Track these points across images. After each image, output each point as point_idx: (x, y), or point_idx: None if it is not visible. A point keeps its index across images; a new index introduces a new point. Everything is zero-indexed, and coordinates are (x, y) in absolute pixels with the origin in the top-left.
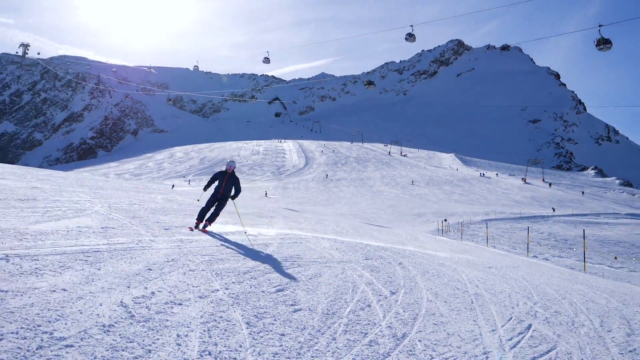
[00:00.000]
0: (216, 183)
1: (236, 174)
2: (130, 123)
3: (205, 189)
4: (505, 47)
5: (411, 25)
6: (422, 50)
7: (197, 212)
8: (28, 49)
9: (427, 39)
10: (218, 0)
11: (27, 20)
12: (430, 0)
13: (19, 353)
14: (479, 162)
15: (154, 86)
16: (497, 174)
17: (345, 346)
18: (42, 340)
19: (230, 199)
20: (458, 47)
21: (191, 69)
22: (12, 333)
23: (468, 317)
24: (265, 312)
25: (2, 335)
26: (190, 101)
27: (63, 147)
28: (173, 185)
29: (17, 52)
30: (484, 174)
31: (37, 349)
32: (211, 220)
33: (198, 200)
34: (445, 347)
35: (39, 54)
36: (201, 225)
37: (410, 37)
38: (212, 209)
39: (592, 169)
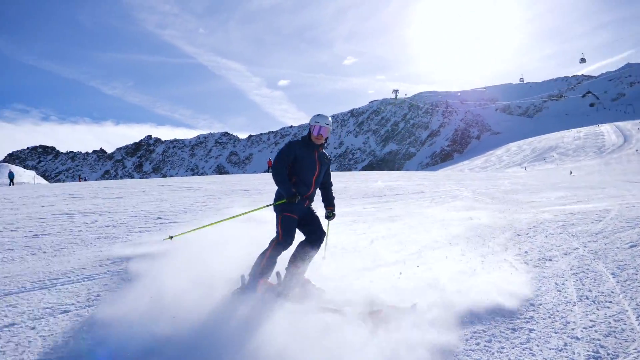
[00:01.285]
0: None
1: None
2: (473, 131)
3: (282, 184)
4: None
5: None
6: None
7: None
8: (397, 93)
9: None
10: (526, 27)
11: (394, 74)
12: None
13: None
14: None
15: (487, 101)
16: None
17: None
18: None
19: (327, 220)
20: None
21: (513, 83)
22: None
23: None
24: (625, 264)
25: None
26: (516, 107)
27: (429, 155)
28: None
29: (391, 97)
30: None
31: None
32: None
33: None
34: None
35: (405, 94)
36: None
37: None
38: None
39: None
